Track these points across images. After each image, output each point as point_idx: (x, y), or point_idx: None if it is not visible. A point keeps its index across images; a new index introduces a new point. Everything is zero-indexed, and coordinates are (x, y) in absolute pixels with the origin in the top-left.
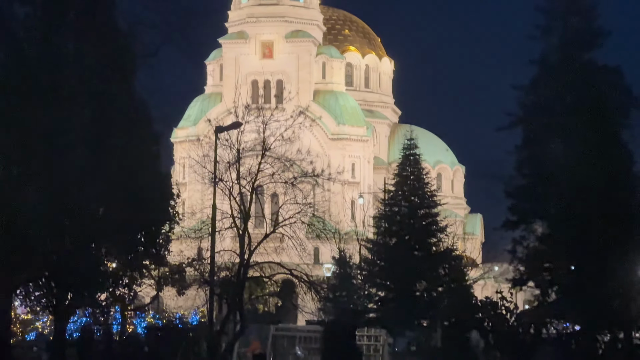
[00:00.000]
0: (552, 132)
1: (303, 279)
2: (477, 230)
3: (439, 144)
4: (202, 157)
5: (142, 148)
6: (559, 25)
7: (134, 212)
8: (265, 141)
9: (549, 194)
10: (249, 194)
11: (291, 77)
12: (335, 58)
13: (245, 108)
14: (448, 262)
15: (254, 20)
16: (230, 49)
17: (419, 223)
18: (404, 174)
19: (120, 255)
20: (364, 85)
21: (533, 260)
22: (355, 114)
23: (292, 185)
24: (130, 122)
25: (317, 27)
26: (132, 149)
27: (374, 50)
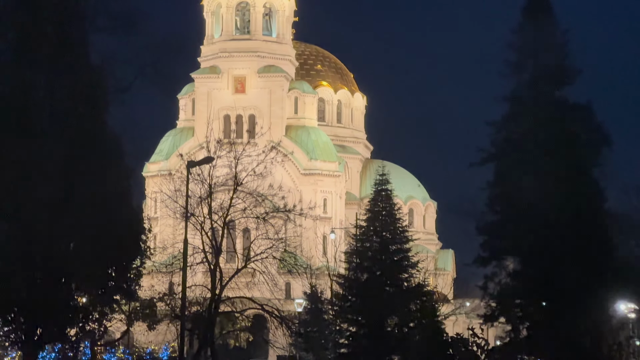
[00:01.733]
0: (523, 169)
1: (274, 314)
2: (449, 266)
3: (411, 179)
4: (174, 191)
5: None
6: (529, 63)
7: (105, 247)
8: (237, 176)
9: (520, 230)
10: (221, 228)
11: (263, 112)
12: (307, 93)
13: (217, 143)
14: (419, 298)
15: (226, 55)
16: (202, 84)
17: (390, 258)
18: (376, 209)
19: (91, 290)
20: (336, 120)
21: (504, 296)
22: (327, 149)
23: (264, 220)
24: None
25: (290, 62)
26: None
27: (346, 85)
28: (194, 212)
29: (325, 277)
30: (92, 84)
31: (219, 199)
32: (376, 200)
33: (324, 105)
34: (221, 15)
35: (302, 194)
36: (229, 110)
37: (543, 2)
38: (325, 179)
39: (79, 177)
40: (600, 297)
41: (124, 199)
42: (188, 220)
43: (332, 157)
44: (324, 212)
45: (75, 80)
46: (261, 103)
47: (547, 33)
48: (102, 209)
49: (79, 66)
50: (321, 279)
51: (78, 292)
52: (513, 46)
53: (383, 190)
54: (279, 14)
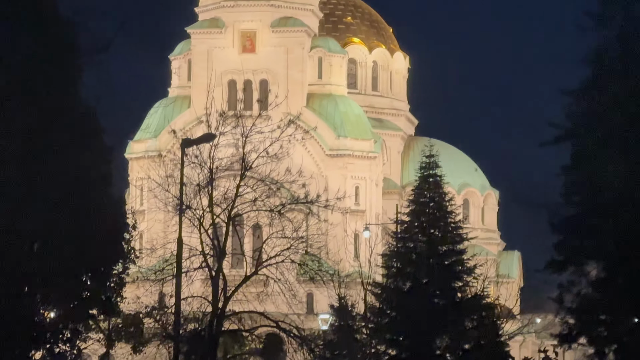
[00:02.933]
0: (610, 149)
1: (293, 334)
2: (514, 271)
3: (466, 162)
4: (165, 178)
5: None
6: (617, 14)
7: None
8: (246, 158)
9: (606, 227)
10: (225, 225)
11: (278, 76)
12: (334, 53)
13: (220, 116)
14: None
15: (231, 5)
16: (200, 41)
17: (440, 263)
18: (422, 200)
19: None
20: (371, 88)
21: (585, 310)
22: (359, 124)
23: (280, 214)
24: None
25: (312, 13)
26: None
27: (384, 42)
28: (191, 204)
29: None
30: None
31: (222, 187)
32: (422, 188)
33: (355, 68)
34: None
35: (328, 180)
36: (235, 74)
37: None
38: (357, 161)
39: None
40: None
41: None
42: (183, 215)
43: (366, 134)
44: (356, 204)
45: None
46: (275, 65)
47: None
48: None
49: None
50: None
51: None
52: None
53: (430, 176)
54: None
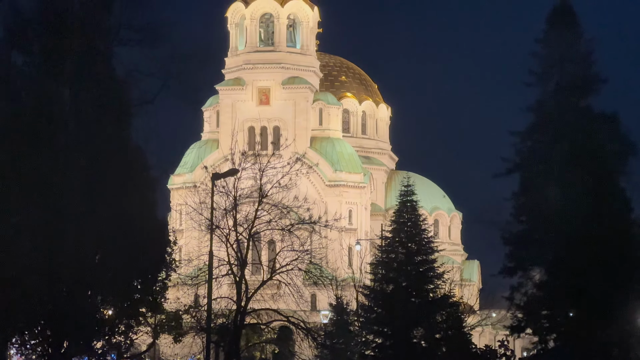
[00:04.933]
0: (549, 179)
1: (300, 326)
2: (475, 276)
3: (436, 190)
4: (199, 204)
5: (138, 195)
6: (554, 72)
7: (131, 259)
8: (262, 188)
9: (546, 240)
10: (246, 241)
11: (288, 123)
12: (332, 104)
13: (242, 155)
14: (445, 309)
15: (250, 67)
16: (226, 96)
17: (416, 270)
18: (401, 220)
19: (117, 303)
20: (360, 132)
21: (531, 307)
22: (352, 161)
23: (289, 232)
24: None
25: (314, 74)
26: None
27: (370, 96)
28: (219, 224)
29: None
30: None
31: (244, 211)
32: (401, 211)
33: (348, 117)
34: (245, 27)
35: (328, 205)
36: (253, 122)
37: (568, 11)
38: (350, 190)
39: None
40: (628, 307)
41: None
42: (213, 233)
43: (357, 169)
44: (349, 224)
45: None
46: (285, 115)
47: (572, 42)
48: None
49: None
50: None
51: (104, 304)
52: (538, 55)
53: (408, 202)
54: (302, 25)
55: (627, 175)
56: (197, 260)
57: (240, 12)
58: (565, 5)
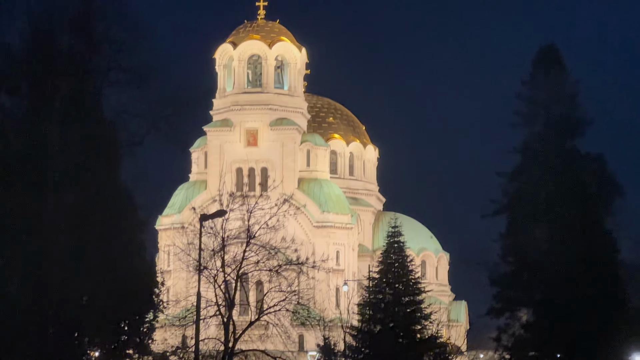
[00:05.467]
0: (535, 220)
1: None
2: (462, 317)
3: (423, 231)
4: (187, 245)
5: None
6: (540, 114)
7: (118, 301)
8: (250, 229)
9: (533, 281)
10: (234, 281)
11: (276, 164)
12: (319, 146)
13: (230, 196)
14: (433, 350)
15: (238, 108)
16: (214, 137)
17: (403, 310)
18: (389, 261)
19: (104, 344)
20: (348, 173)
21: (518, 348)
22: (339, 202)
23: (277, 273)
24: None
25: (302, 115)
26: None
27: (358, 137)
28: (207, 265)
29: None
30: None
31: (231, 251)
32: (389, 252)
33: (336, 158)
34: (233, 68)
35: (315, 246)
36: (241, 163)
37: (553, 53)
38: (337, 231)
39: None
40: (614, 348)
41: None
42: (201, 273)
43: (345, 210)
44: (337, 265)
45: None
46: (273, 156)
47: (558, 84)
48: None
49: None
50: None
51: (91, 346)
52: (524, 97)
53: (395, 242)
54: (290, 66)
55: (613, 216)
56: (185, 301)
57: (229, 54)
58: (551, 47)
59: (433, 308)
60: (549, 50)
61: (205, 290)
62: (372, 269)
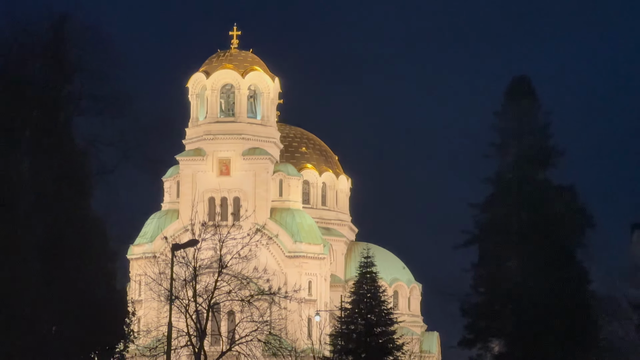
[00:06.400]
0: (507, 250)
1: None
2: (434, 348)
3: (395, 261)
4: (158, 274)
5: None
6: (513, 145)
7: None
8: (222, 259)
9: (505, 312)
10: (205, 311)
11: (248, 194)
12: (292, 176)
13: (202, 225)
14: None
15: (211, 138)
16: (187, 166)
17: (375, 341)
18: (361, 291)
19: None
20: (320, 203)
21: None
22: (312, 232)
23: (249, 303)
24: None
25: (275, 145)
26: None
27: (331, 167)
28: (179, 294)
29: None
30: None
31: (203, 281)
32: (361, 282)
33: (308, 188)
34: (206, 97)
35: (287, 276)
36: (213, 192)
37: (525, 84)
38: (310, 261)
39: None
40: None
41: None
42: (172, 303)
43: (317, 240)
44: (309, 295)
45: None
46: (246, 185)
47: (530, 115)
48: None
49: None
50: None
51: None
52: (496, 128)
53: (368, 273)
54: (263, 96)
55: (584, 247)
56: (156, 331)
57: (201, 83)
58: (523, 78)
59: (405, 339)
60: (521, 81)
61: (176, 320)
62: (344, 299)
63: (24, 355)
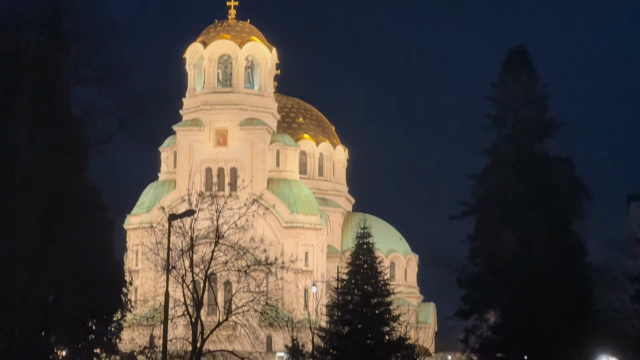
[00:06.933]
0: (504, 222)
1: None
2: (430, 319)
3: (392, 232)
4: (155, 244)
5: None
6: (510, 116)
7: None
8: (219, 229)
9: (501, 283)
10: (202, 281)
11: (245, 164)
12: (289, 146)
13: (199, 196)
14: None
15: (208, 108)
16: (184, 136)
17: (371, 312)
18: (357, 262)
19: (71, 343)
20: (317, 174)
21: (486, 349)
22: (308, 203)
23: (246, 273)
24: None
25: (272, 115)
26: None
27: (328, 138)
28: (176, 264)
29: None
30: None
31: (200, 251)
32: (357, 253)
33: (305, 158)
34: (203, 68)
35: (284, 247)
36: (210, 163)
37: (523, 56)
38: (306, 232)
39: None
40: (581, 349)
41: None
42: (169, 273)
43: (314, 211)
44: (306, 265)
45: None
46: (243, 156)
47: (527, 87)
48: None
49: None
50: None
51: (58, 345)
52: (494, 100)
53: (364, 244)
54: (260, 67)
55: (580, 218)
56: (153, 301)
57: (199, 53)
58: (520, 50)
59: (401, 310)
60: (519, 53)
61: (173, 290)
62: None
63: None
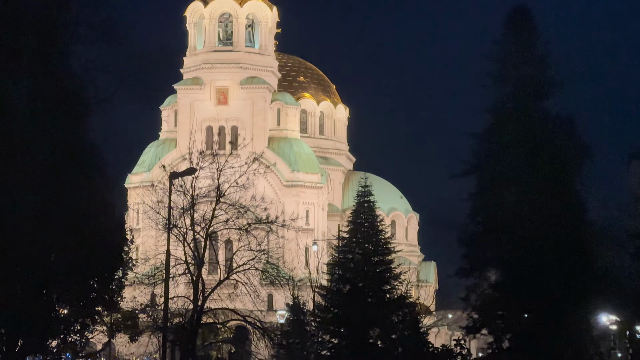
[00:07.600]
0: (505, 180)
1: (257, 326)
2: (431, 277)
3: (393, 191)
4: (156, 203)
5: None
6: (511, 75)
7: (87, 258)
8: (220, 188)
9: (502, 242)
10: (203, 240)
11: (246, 123)
12: (290, 105)
13: (200, 154)
14: (402, 310)
15: (208, 67)
16: (185, 95)
17: (372, 270)
18: (358, 221)
19: (72, 301)
20: (318, 132)
21: (486, 307)
22: (309, 161)
23: (246, 231)
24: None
25: (272, 74)
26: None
27: (328, 97)
28: (177, 223)
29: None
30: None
31: (201, 210)
32: (358, 212)
33: (306, 117)
34: (204, 26)
35: (285, 205)
36: (211, 121)
37: (525, 14)
38: (307, 190)
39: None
40: (582, 308)
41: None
42: (170, 232)
43: (315, 169)
44: (306, 224)
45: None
46: (243, 114)
47: (529, 45)
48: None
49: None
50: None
51: (59, 303)
52: (495, 58)
53: (365, 202)
54: (261, 25)
55: (582, 177)
56: (154, 259)
57: (199, 12)
58: (522, 8)
59: (402, 268)
60: (520, 11)
61: (174, 248)
62: (341, 228)
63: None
